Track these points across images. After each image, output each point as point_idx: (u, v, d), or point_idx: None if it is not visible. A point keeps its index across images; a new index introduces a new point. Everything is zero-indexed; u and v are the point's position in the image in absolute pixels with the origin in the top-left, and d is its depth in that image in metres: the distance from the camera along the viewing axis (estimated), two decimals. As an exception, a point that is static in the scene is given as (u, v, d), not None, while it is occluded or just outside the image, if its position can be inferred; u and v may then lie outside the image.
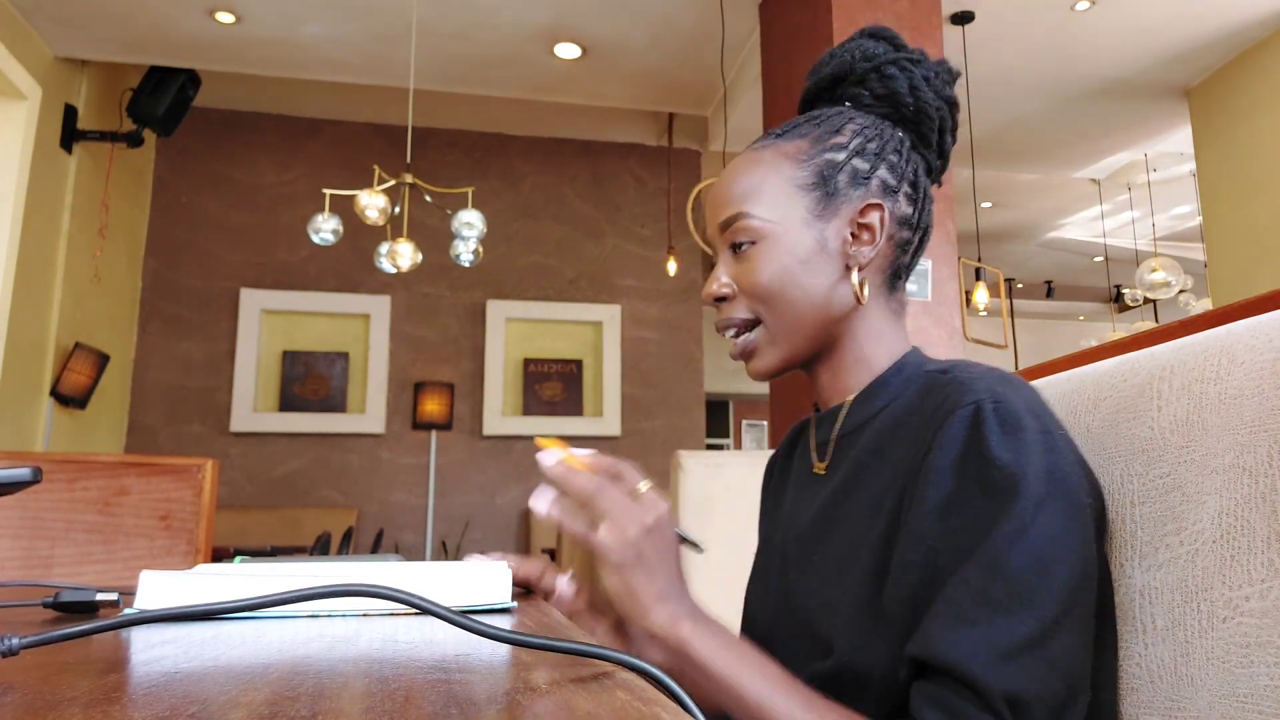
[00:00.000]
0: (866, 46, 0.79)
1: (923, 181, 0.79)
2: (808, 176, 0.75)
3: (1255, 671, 0.53)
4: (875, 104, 0.78)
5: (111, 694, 0.34)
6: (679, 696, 0.38)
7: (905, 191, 0.77)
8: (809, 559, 0.73)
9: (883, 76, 0.77)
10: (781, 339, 0.75)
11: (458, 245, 3.63)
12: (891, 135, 0.77)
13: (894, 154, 0.77)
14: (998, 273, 5.26)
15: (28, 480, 0.53)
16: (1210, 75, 4.64)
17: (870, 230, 0.75)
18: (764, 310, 0.75)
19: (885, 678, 0.62)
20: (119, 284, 5.01)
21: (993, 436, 0.60)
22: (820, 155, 0.75)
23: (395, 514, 5.36)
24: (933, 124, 0.78)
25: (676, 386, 5.82)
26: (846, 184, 0.75)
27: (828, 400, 0.79)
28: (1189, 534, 0.59)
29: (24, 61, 4.00)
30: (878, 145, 0.76)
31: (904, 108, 0.77)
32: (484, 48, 4.32)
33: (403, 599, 0.44)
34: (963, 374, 0.66)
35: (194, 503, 1.57)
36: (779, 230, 0.74)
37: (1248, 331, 0.59)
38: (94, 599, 0.65)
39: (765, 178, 0.76)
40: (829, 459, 0.76)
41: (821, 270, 0.74)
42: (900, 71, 0.77)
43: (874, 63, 0.78)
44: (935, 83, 0.78)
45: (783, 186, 0.75)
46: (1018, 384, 0.65)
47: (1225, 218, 4.57)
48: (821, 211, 0.74)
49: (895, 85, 0.77)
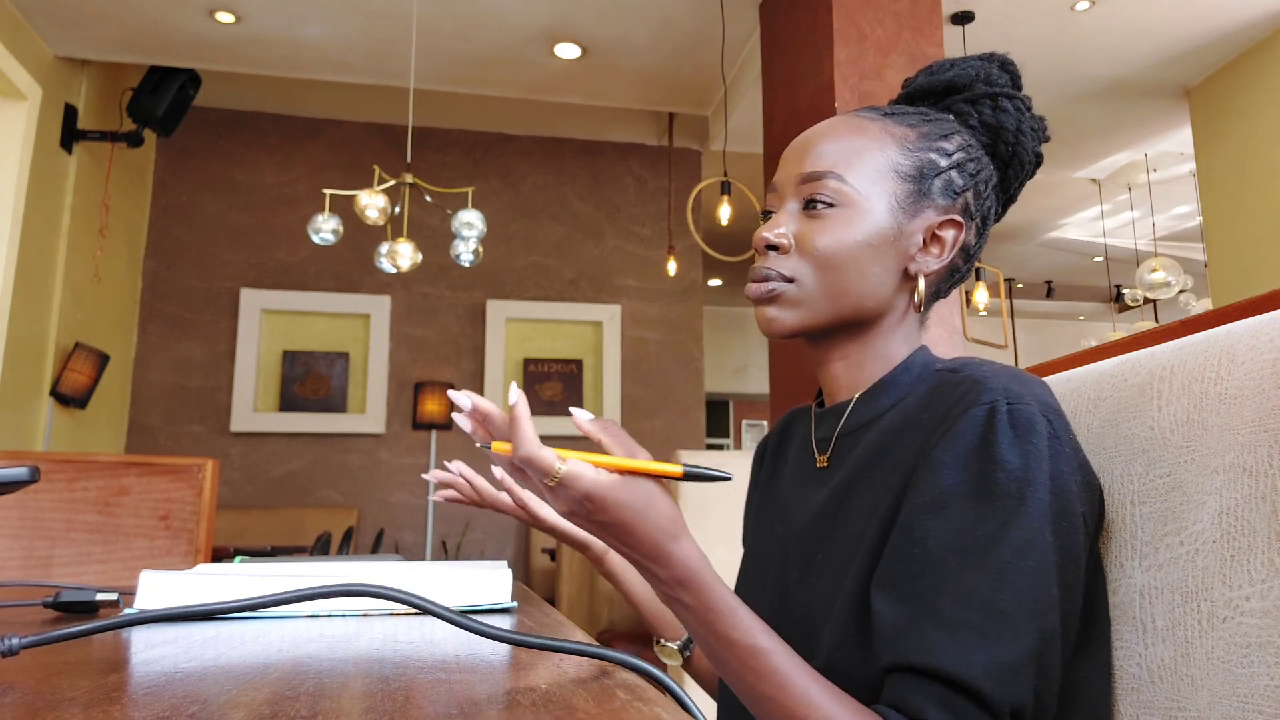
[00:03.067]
0: (992, 72, 0.78)
1: (990, 221, 0.78)
2: (910, 166, 0.73)
3: (1255, 671, 0.53)
4: (979, 129, 0.77)
5: (112, 694, 0.34)
6: (679, 696, 0.38)
7: (977, 224, 0.76)
8: (811, 559, 0.72)
9: (997, 107, 0.76)
10: (810, 305, 0.72)
11: (458, 245, 3.63)
12: (987, 165, 0.77)
13: (984, 184, 0.76)
14: (998, 273, 5.26)
15: (25, 480, 0.53)
16: (1210, 75, 4.64)
17: (941, 244, 0.74)
18: (812, 274, 0.72)
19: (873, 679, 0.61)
20: (119, 284, 5.01)
21: (1004, 439, 0.60)
22: (926, 152, 0.74)
23: (395, 514, 5.36)
24: (1021, 171, 0.78)
25: (676, 386, 5.82)
26: (939, 191, 0.73)
27: (834, 393, 0.77)
28: (1189, 534, 0.59)
29: (24, 61, 4.00)
30: (975, 168, 0.75)
31: (1004, 145, 0.77)
32: (484, 48, 4.32)
33: (403, 599, 0.44)
34: (976, 372, 0.65)
35: (194, 503, 1.57)
36: (865, 205, 0.71)
37: (1248, 331, 0.59)
38: (94, 599, 0.65)
39: (867, 147, 0.73)
40: (830, 455, 0.75)
41: (884, 261, 0.72)
42: (1015, 109, 0.76)
43: (994, 89, 0.77)
44: (1036, 134, 0.78)
45: (882, 165, 0.73)
46: (1032, 382, 0.64)
47: (1225, 218, 4.57)
48: (909, 205, 0.72)
49: (1005, 120, 0.76)
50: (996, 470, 0.59)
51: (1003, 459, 0.59)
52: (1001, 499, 0.58)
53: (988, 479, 0.59)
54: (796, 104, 3.36)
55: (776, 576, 0.76)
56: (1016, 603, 0.56)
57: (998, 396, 0.61)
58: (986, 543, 0.58)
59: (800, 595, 0.71)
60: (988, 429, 0.60)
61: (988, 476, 0.59)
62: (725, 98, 4.47)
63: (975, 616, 0.56)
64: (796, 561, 0.74)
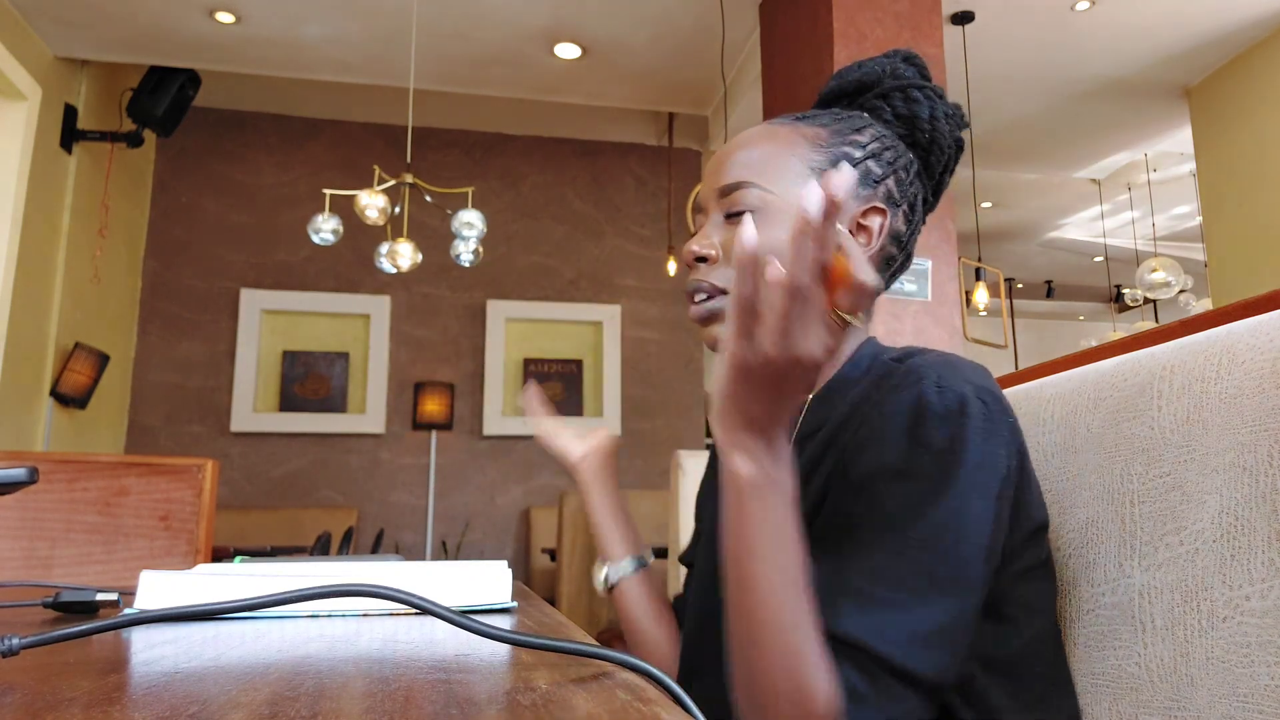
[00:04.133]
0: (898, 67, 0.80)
1: (919, 208, 0.79)
2: (824, 162, 0.74)
3: (1255, 671, 0.53)
4: (893, 122, 0.79)
5: (111, 694, 0.34)
6: (679, 696, 0.38)
7: (904, 210, 0.77)
8: None
9: (907, 98, 0.78)
10: None
11: (458, 245, 3.63)
12: (905, 154, 0.78)
13: (904, 171, 0.77)
14: (998, 273, 5.26)
15: (24, 481, 0.53)
16: (1210, 75, 4.64)
17: (868, 233, 0.74)
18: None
19: None
20: (119, 284, 5.01)
21: (931, 420, 0.61)
22: (839, 146, 0.75)
23: (395, 514, 5.36)
24: (941, 156, 0.79)
25: (676, 386, 5.82)
26: (859, 181, 0.75)
27: None
28: (1189, 533, 0.59)
29: (24, 61, 4.00)
30: (892, 156, 0.76)
31: (920, 133, 0.78)
32: (484, 48, 4.32)
33: (403, 599, 0.44)
34: (915, 360, 0.67)
35: (194, 503, 1.57)
36: (781, 205, 0.73)
37: (1248, 331, 0.59)
38: (94, 599, 0.65)
39: (778, 153, 0.75)
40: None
41: None
42: (925, 98, 0.78)
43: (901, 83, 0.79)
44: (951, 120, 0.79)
45: (795, 165, 0.74)
46: (968, 369, 0.65)
47: (1225, 218, 4.57)
48: None
49: (918, 110, 0.78)
50: (921, 451, 0.60)
51: (927, 440, 0.60)
52: (923, 479, 0.60)
53: (911, 459, 0.60)
54: (797, 104, 3.36)
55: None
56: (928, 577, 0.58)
57: (927, 380, 0.63)
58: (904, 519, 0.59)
59: None
60: (915, 411, 0.62)
61: (911, 456, 0.61)
62: (725, 98, 4.47)
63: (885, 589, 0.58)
64: None
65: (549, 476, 5.56)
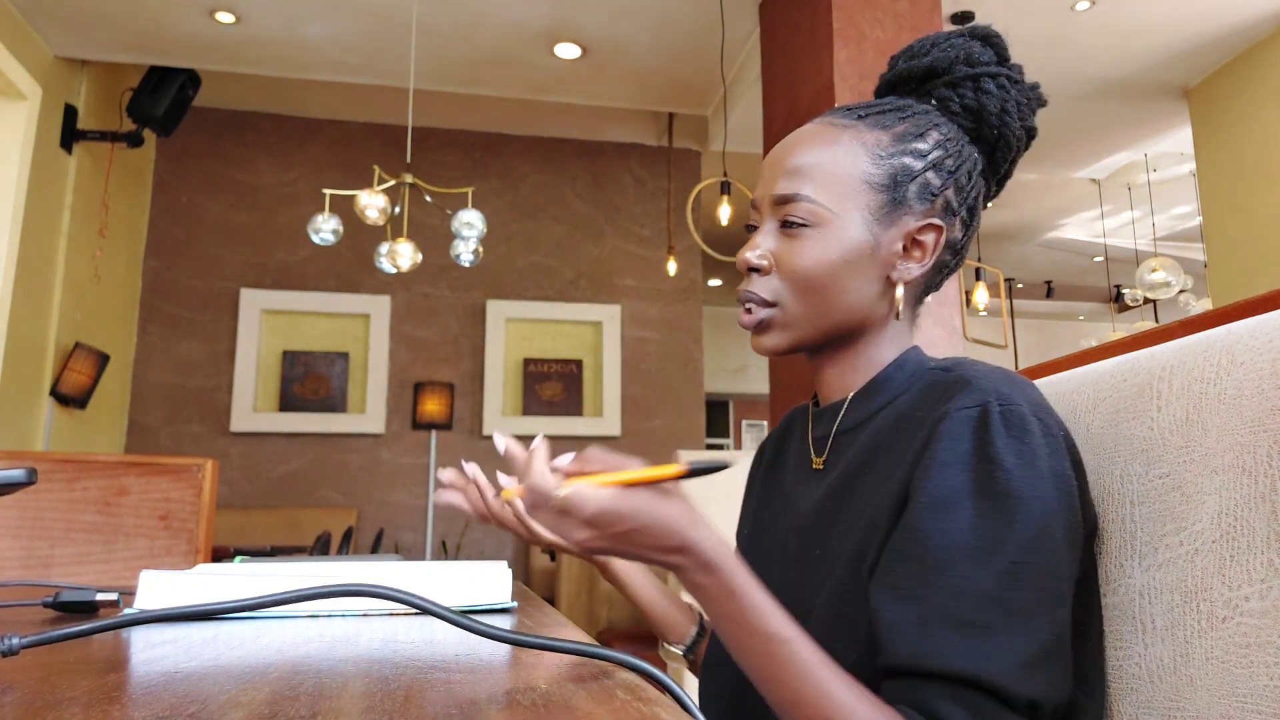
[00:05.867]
0: (974, 50, 0.77)
1: (978, 209, 0.78)
2: (881, 177, 0.73)
3: (1255, 671, 0.53)
4: (961, 114, 0.76)
5: (111, 694, 0.34)
6: (679, 696, 0.38)
7: (962, 216, 0.76)
8: (809, 554, 0.72)
9: (978, 88, 0.75)
10: (798, 326, 0.74)
11: (458, 245, 3.63)
12: (969, 156, 0.76)
13: (965, 177, 0.75)
14: (998, 273, 5.26)
15: (23, 481, 0.53)
16: (1210, 75, 4.64)
17: (923, 249, 0.74)
18: (793, 297, 0.73)
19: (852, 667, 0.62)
20: (119, 284, 5.01)
21: (999, 439, 0.60)
22: (899, 157, 0.73)
23: (395, 514, 5.36)
24: (1008, 154, 0.77)
25: (676, 386, 5.82)
26: (915, 196, 0.73)
27: (829, 395, 0.79)
28: (1189, 534, 0.59)
29: (24, 61, 4.00)
30: (954, 163, 0.74)
31: (987, 128, 0.76)
32: (484, 48, 4.32)
33: (403, 599, 0.44)
34: (968, 371, 0.66)
35: (194, 503, 1.57)
36: (837, 222, 0.72)
37: (1248, 331, 0.59)
38: (94, 599, 0.65)
39: (838, 161, 0.73)
40: (827, 454, 0.76)
41: (864, 274, 0.73)
42: (998, 89, 0.75)
43: (975, 70, 0.76)
44: (1024, 109, 0.77)
45: (853, 177, 0.73)
46: (1022, 384, 0.65)
47: (1225, 218, 4.57)
48: (883, 216, 0.72)
49: (987, 102, 0.75)
50: (996, 469, 0.60)
51: (1001, 458, 0.60)
52: (1004, 497, 0.59)
53: (988, 478, 0.60)
54: (796, 104, 3.36)
55: (777, 572, 0.77)
56: (1028, 599, 0.57)
57: (989, 397, 0.62)
58: (993, 542, 0.58)
59: (801, 591, 0.72)
60: (982, 429, 0.61)
61: (988, 476, 0.60)
62: (725, 98, 4.47)
63: (989, 616, 0.56)
64: (795, 557, 0.74)
65: (549, 476, 5.56)
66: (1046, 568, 0.58)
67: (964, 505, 0.60)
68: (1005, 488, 0.59)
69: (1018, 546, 0.58)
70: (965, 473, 0.60)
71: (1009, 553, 0.58)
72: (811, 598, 0.70)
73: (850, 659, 0.62)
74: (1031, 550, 0.58)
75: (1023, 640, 0.56)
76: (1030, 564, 0.57)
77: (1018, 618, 0.56)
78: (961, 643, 0.56)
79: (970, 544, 0.58)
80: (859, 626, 0.63)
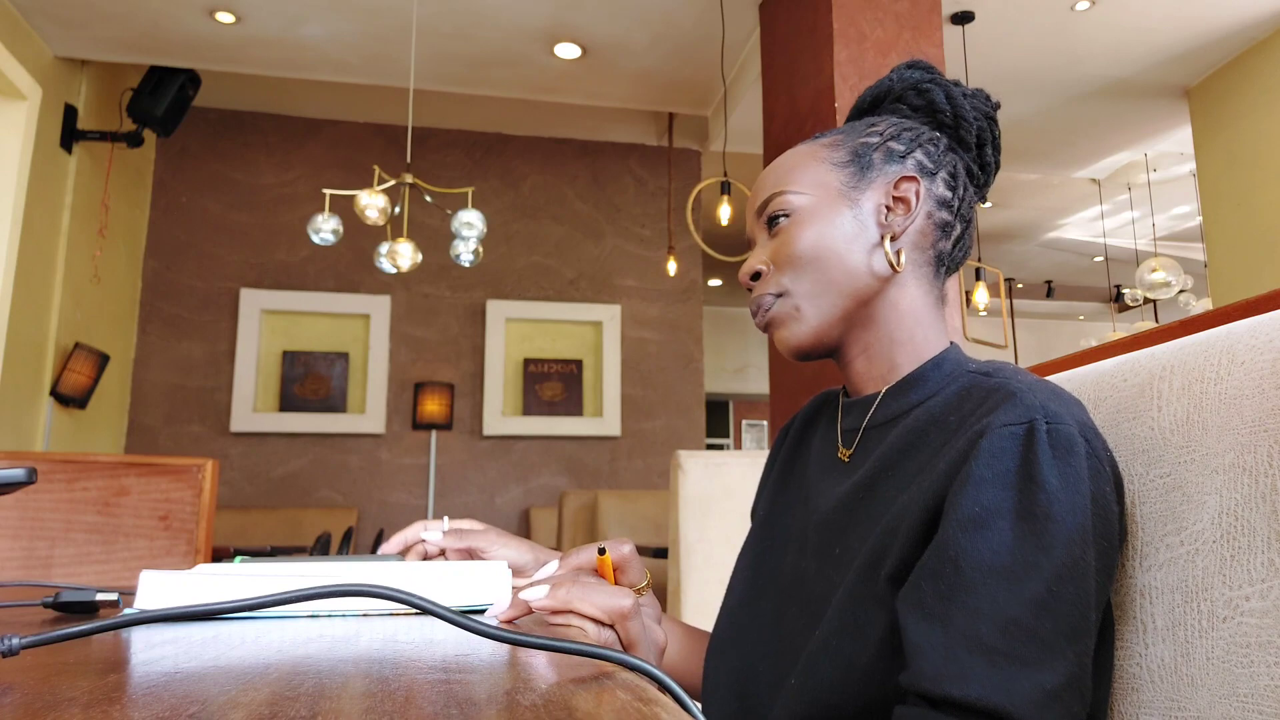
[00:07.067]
0: (905, 74, 0.82)
1: (962, 175, 0.78)
2: (843, 156, 0.77)
3: (1255, 671, 0.53)
4: (914, 115, 0.80)
5: (111, 694, 0.34)
6: (679, 696, 0.38)
7: (943, 177, 0.77)
8: (829, 550, 0.71)
9: (920, 92, 0.80)
10: (811, 311, 0.75)
11: (458, 245, 3.63)
12: (927, 131, 0.79)
13: (930, 144, 0.77)
14: (998, 273, 5.26)
15: (22, 481, 0.53)
16: (1210, 75, 4.65)
17: (905, 202, 0.75)
18: (793, 279, 0.75)
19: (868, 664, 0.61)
20: (119, 284, 5.01)
21: (1045, 459, 0.58)
22: (855, 139, 0.78)
23: (395, 514, 5.36)
24: (970, 128, 0.78)
25: (676, 386, 5.82)
26: (881, 160, 0.76)
27: (859, 388, 0.77)
28: (1189, 534, 0.59)
29: (24, 61, 4.00)
30: (913, 134, 0.78)
31: (941, 114, 0.79)
32: (484, 48, 4.32)
33: (403, 599, 0.44)
34: (1012, 382, 0.63)
35: (194, 503, 1.57)
36: (813, 202, 0.76)
37: (1248, 331, 0.59)
38: (94, 599, 0.65)
39: (801, 162, 0.78)
40: (855, 448, 0.75)
41: (856, 239, 0.74)
42: (936, 86, 0.79)
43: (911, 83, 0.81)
44: (972, 99, 0.80)
45: (818, 166, 0.77)
46: (1069, 400, 0.62)
47: (1225, 218, 4.57)
48: (856, 184, 0.76)
49: (932, 96, 0.79)
50: (1039, 491, 0.57)
51: (1045, 479, 0.57)
52: (1044, 520, 0.57)
53: (1030, 499, 0.57)
54: (796, 104, 3.36)
55: (794, 560, 0.76)
56: (1055, 629, 0.55)
57: (1036, 414, 0.59)
58: (1027, 566, 0.56)
59: (816, 586, 0.71)
60: (1028, 448, 0.58)
61: (1030, 497, 0.57)
62: (725, 98, 4.47)
63: (1016, 644, 0.54)
64: (815, 550, 0.73)
65: (549, 476, 5.57)
66: (1077, 598, 0.56)
67: (1001, 525, 0.57)
68: (1046, 509, 0.57)
69: (1053, 574, 0.56)
70: (1005, 490, 0.58)
71: (1043, 580, 0.55)
72: (828, 594, 0.69)
73: (861, 663, 0.62)
74: (1065, 579, 0.56)
75: (1047, 673, 0.54)
76: (1062, 594, 0.55)
77: (1044, 649, 0.54)
78: (984, 670, 0.54)
79: (1004, 565, 0.56)
80: (871, 630, 0.62)
